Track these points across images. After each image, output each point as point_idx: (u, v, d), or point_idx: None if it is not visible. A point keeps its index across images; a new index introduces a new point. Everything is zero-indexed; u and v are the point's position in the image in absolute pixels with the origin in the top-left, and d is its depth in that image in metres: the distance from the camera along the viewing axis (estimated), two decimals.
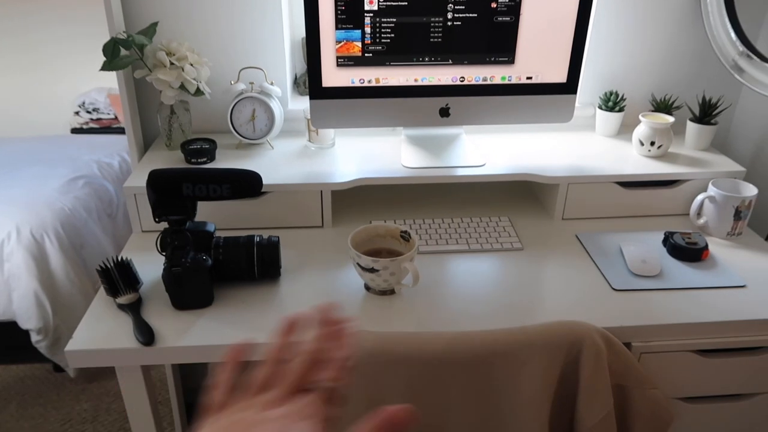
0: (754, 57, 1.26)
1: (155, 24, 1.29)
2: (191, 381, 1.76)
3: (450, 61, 1.22)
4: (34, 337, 1.85)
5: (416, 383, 0.88)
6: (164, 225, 1.00)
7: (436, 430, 0.91)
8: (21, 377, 2.04)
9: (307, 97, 1.42)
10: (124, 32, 1.26)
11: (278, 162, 1.30)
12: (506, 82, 1.24)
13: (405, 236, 1.05)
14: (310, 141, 1.38)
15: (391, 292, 1.03)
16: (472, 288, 1.05)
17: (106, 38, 1.24)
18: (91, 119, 3.38)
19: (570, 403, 0.91)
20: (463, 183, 1.38)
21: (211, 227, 1.04)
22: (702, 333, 0.98)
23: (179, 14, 1.34)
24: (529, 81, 1.25)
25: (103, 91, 3.36)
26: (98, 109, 3.35)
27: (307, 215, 1.24)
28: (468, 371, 0.87)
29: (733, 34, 1.31)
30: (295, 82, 1.56)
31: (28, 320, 1.84)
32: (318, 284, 1.06)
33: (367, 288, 1.05)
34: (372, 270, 0.98)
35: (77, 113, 3.38)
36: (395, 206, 1.33)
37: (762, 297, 1.03)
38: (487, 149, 1.36)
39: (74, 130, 3.39)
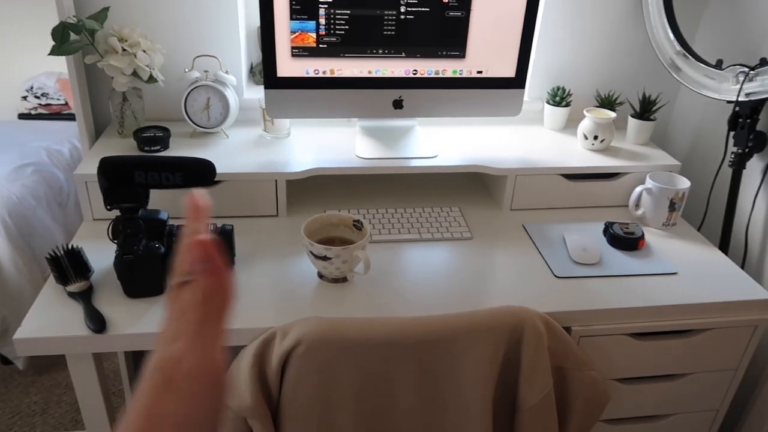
0: (690, 57, 1.33)
1: (107, 9, 1.27)
2: None
3: (403, 54, 1.24)
4: None
5: (367, 367, 0.91)
6: (116, 213, 1.00)
7: (386, 411, 0.95)
8: None
9: (263, 87, 1.43)
10: (74, 16, 1.24)
11: (233, 151, 1.31)
12: (458, 75, 1.28)
13: (357, 225, 1.08)
14: (265, 131, 1.39)
15: (344, 279, 1.06)
16: (422, 276, 1.08)
17: (56, 21, 1.22)
18: (40, 104, 3.27)
19: (512, 385, 0.96)
20: (416, 174, 1.42)
21: (164, 215, 1.05)
22: (636, 317, 1.04)
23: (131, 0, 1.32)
24: (479, 75, 1.28)
25: (52, 75, 3.26)
26: (47, 94, 3.25)
27: (261, 204, 1.25)
28: (416, 354, 0.90)
29: (671, 34, 1.38)
30: (251, 71, 1.56)
31: None
32: (271, 272, 1.08)
33: (321, 276, 1.07)
34: (324, 258, 1.00)
35: (25, 98, 3.26)
36: (349, 196, 1.35)
37: (692, 283, 1.10)
38: (439, 141, 1.39)
39: (21, 116, 3.28)
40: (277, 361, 0.89)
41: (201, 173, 0.99)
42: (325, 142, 1.37)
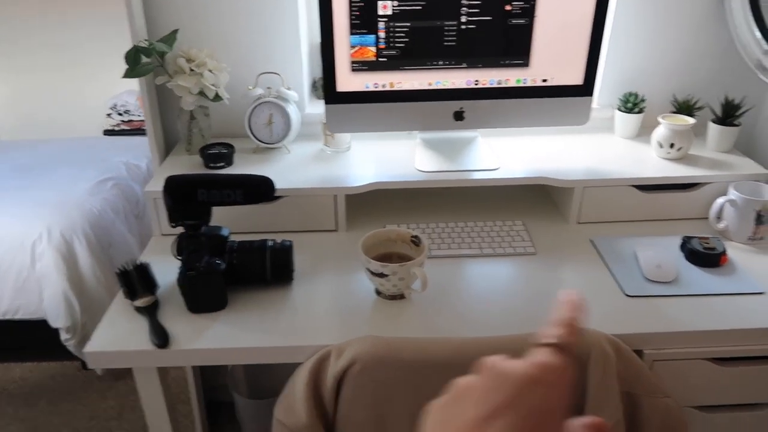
0: None
1: (176, 31, 1.32)
2: (212, 380, 1.79)
3: (464, 65, 1.22)
4: (63, 336, 1.91)
5: (423, 389, 0.88)
6: (180, 229, 1.02)
7: None
8: (51, 375, 2.10)
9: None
10: (145, 40, 1.30)
11: (294, 166, 1.32)
12: (521, 84, 1.24)
13: (416, 241, 1.05)
14: (326, 145, 1.39)
15: (401, 296, 1.04)
16: (483, 293, 1.05)
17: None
18: (123, 121, 3.46)
19: (578, 412, 0.90)
20: (477, 187, 1.38)
21: (225, 232, 1.07)
22: (717, 340, 0.96)
23: (199, 21, 1.36)
24: (544, 83, 1.24)
25: (133, 93, 3.44)
26: (129, 111, 3.44)
27: (321, 219, 1.25)
28: None
29: (758, 33, 1.28)
30: (314, 85, 1.57)
31: (57, 319, 1.90)
32: (330, 288, 1.07)
33: (378, 293, 1.06)
34: (381, 275, 0.99)
35: (109, 115, 3.47)
36: (409, 210, 1.33)
37: None
38: (501, 152, 1.35)
39: (107, 132, 3.48)
40: (332, 380, 0.88)
41: (261, 190, 1.01)
42: (385, 156, 1.36)
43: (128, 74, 1.28)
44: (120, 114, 3.46)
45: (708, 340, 0.96)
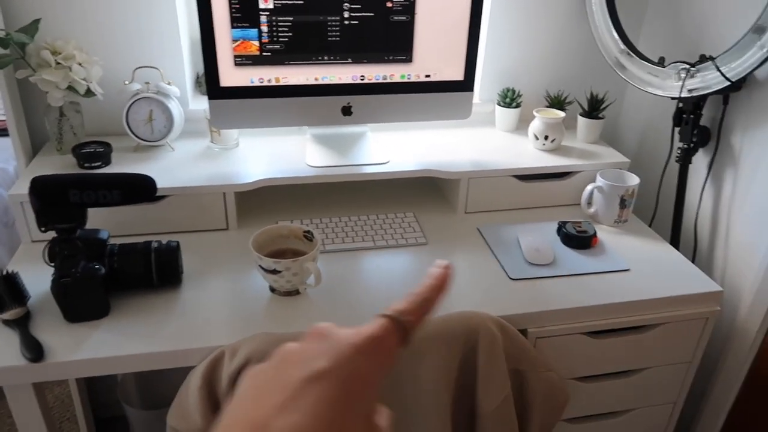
0: (634, 55, 1.35)
1: (37, 21, 1.22)
2: (101, 395, 1.68)
3: (350, 60, 1.22)
4: None
5: None
6: (52, 234, 0.95)
7: None
8: None
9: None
10: (1, 30, 1.19)
11: (180, 164, 1.27)
12: (405, 80, 1.27)
13: (308, 236, 1.05)
14: (212, 142, 1.35)
15: (296, 292, 1.03)
16: (377, 284, 1.07)
17: None
18: None
19: (470, 391, 0.95)
20: (368, 181, 1.40)
21: (104, 234, 1.00)
22: (591, 316, 1.04)
23: (64, 10, 1.27)
24: (427, 79, 1.27)
25: None
26: None
27: (210, 218, 1.21)
28: None
29: (614, 33, 1.40)
30: (197, 81, 1.52)
31: None
32: (222, 289, 1.04)
33: (272, 290, 1.04)
34: (274, 271, 0.97)
35: None
36: (301, 206, 1.32)
37: (644, 279, 1.11)
38: (391, 146, 1.38)
39: None
40: (227, 380, 0.86)
41: (140, 189, 0.96)
42: (275, 152, 1.34)
43: None
44: None
45: (583, 316, 1.04)
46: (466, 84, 1.29)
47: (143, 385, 1.56)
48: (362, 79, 1.25)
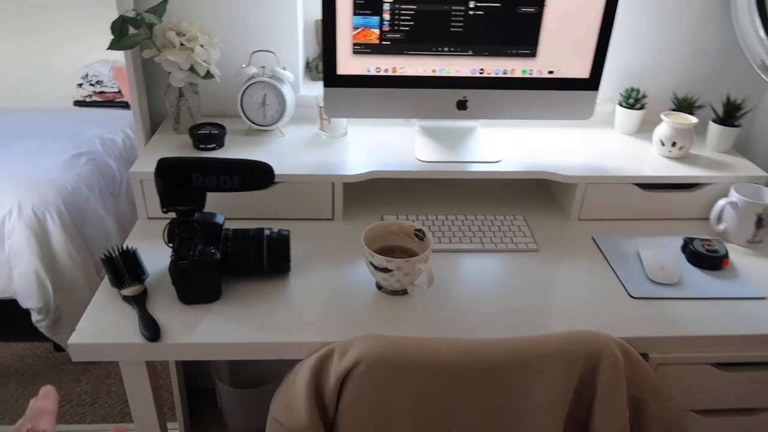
0: None
1: (165, 2, 1.24)
2: (193, 366, 1.75)
3: (470, 52, 1.17)
4: (35, 317, 1.83)
5: (428, 390, 0.86)
6: (172, 215, 0.97)
7: None
8: (21, 356, 2.02)
9: (320, 83, 1.38)
10: (133, 9, 1.22)
11: (289, 150, 1.26)
12: (527, 75, 1.20)
13: (419, 235, 1.02)
14: (321, 129, 1.34)
15: (404, 292, 1.01)
16: (485, 290, 1.02)
17: (111, 6, 1.19)
18: (95, 92, 3.33)
19: (585, 414, 0.89)
20: (478, 179, 1.34)
21: (220, 219, 1.01)
22: (720, 346, 0.96)
23: None
24: (550, 75, 1.20)
25: (107, 63, 3.31)
26: (102, 81, 3.30)
27: (317, 207, 1.20)
28: (482, 380, 0.84)
29: (762, 33, 1.27)
30: (307, 66, 1.51)
31: (28, 299, 1.82)
32: (328, 281, 1.03)
33: (379, 287, 1.02)
34: (385, 270, 0.95)
35: (80, 85, 3.33)
36: (407, 200, 1.29)
37: None
38: (502, 144, 1.32)
39: (77, 103, 3.34)
40: (335, 379, 0.85)
41: (259, 177, 0.96)
42: (382, 143, 1.31)
43: (114, 46, 1.20)
44: (92, 84, 3.32)
45: (711, 345, 0.95)
46: (591, 82, 1.21)
47: (234, 364, 1.60)
48: (481, 73, 1.20)
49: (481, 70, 1.19)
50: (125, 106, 3.24)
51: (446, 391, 0.85)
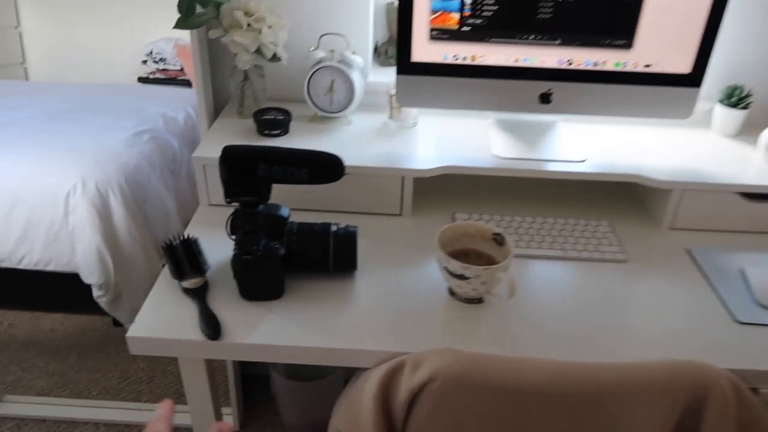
0: None
1: None
2: None
3: (558, 41, 1.07)
4: (96, 293, 1.84)
5: (507, 415, 0.78)
6: (235, 205, 0.92)
7: None
8: (82, 328, 2.05)
9: (389, 69, 1.30)
10: None
11: (356, 140, 1.20)
12: (620, 69, 1.09)
13: (498, 239, 0.94)
14: (391, 118, 1.27)
15: (479, 300, 0.93)
16: (569, 303, 0.93)
17: None
18: (158, 69, 3.35)
19: None
20: (559, 180, 1.24)
21: (285, 212, 0.96)
22: None
23: None
24: (646, 69, 1.09)
25: (170, 41, 3.32)
26: (165, 59, 3.32)
27: (385, 202, 1.14)
28: (570, 409, 0.76)
29: None
30: (376, 51, 1.44)
31: (90, 275, 1.83)
32: (396, 282, 0.97)
33: (452, 293, 0.95)
34: (462, 277, 0.88)
35: (145, 62, 3.36)
36: (479, 198, 1.21)
37: None
38: (585, 141, 1.22)
39: (141, 80, 3.37)
40: (406, 394, 0.78)
41: (328, 171, 0.89)
42: (455, 135, 1.23)
43: (180, 24, 1.16)
44: (156, 62, 3.35)
45: None
46: (692, 78, 1.09)
47: None
48: (569, 64, 1.09)
49: (569, 61, 1.09)
50: (187, 84, 3.25)
51: (528, 418, 0.77)
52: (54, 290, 2.06)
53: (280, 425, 1.70)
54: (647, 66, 1.09)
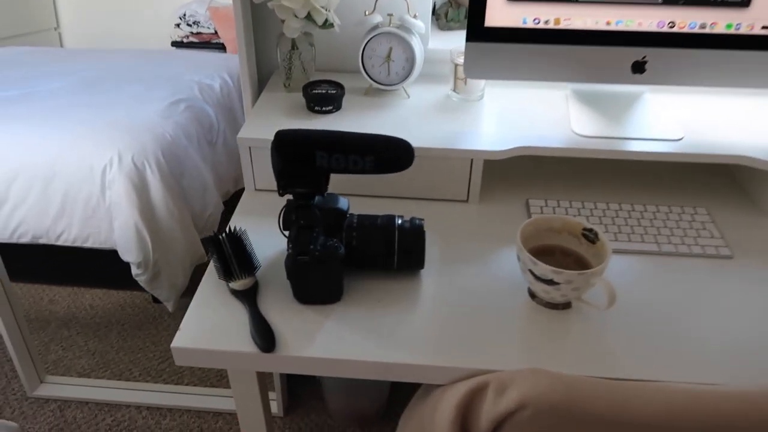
0: None
1: None
2: None
3: (660, 0, 0.92)
4: (134, 270, 1.78)
5: None
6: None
7: None
8: (121, 304, 2.01)
9: (449, 34, 1.16)
10: None
11: (416, 115, 1.07)
12: (731, 31, 0.93)
13: (589, 236, 0.81)
14: (454, 90, 1.13)
15: (565, 306, 0.81)
16: (670, 309, 0.81)
17: None
18: (192, 33, 3.24)
19: None
20: (650, 161, 1.10)
21: (344, 204, 0.84)
22: None
23: None
24: (764, 32, 0.93)
25: (203, 3, 3.19)
26: (198, 22, 3.20)
27: (450, 187, 1.01)
28: None
29: None
30: (434, 13, 1.29)
31: (128, 252, 1.77)
32: (466, 282, 0.85)
33: (532, 295, 0.83)
34: (551, 282, 0.75)
35: (178, 25, 3.24)
36: (554, 182, 1.08)
37: None
38: (679, 116, 1.06)
39: (174, 44, 3.27)
40: (489, 424, 0.68)
41: (396, 160, 0.77)
42: (527, 110, 1.09)
43: None
44: (189, 25, 3.23)
45: None
46: None
47: None
48: (670, 27, 0.94)
49: (671, 23, 0.93)
50: (221, 47, 3.13)
51: None
52: (93, 266, 2.02)
53: (325, 411, 1.63)
54: (765, 28, 0.92)
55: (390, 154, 0.76)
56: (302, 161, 0.77)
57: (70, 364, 1.78)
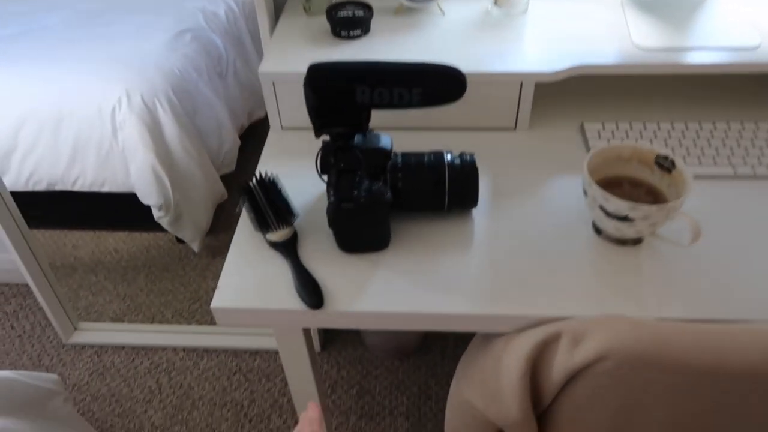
0: None
1: None
2: None
3: None
4: (156, 213, 1.73)
5: (701, 400, 0.61)
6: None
7: None
8: (146, 246, 1.98)
9: None
10: None
11: (453, 35, 0.96)
12: None
13: (664, 164, 0.72)
14: (495, 4, 1.01)
15: (635, 242, 0.74)
16: (752, 238, 0.73)
17: None
18: None
19: None
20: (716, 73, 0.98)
21: (386, 142, 0.76)
22: None
23: None
24: None
25: None
26: None
27: (496, 114, 0.92)
28: None
29: None
30: None
31: (148, 196, 1.71)
32: (522, 219, 0.78)
33: (598, 230, 0.75)
34: (625, 218, 0.68)
35: None
36: (610, 101, 0.97)
37: None
38: (754, 19, 0.94)
39: None
40: (562, 376, 0.62)
41: (447, 90, 0.68)
42: (578, 22, 0.98)
43: None
44: None
45: None
46: None
47: None
48: None
49: None
50: None
51: (730, 403, 0.61)
52: (113, 209, 1.97)
53: (362, 346, 1.61)
54: None
55: (440, 86, 0.67)
56: (340, 98, 0.68)
57: (102, 309, 1.77)
